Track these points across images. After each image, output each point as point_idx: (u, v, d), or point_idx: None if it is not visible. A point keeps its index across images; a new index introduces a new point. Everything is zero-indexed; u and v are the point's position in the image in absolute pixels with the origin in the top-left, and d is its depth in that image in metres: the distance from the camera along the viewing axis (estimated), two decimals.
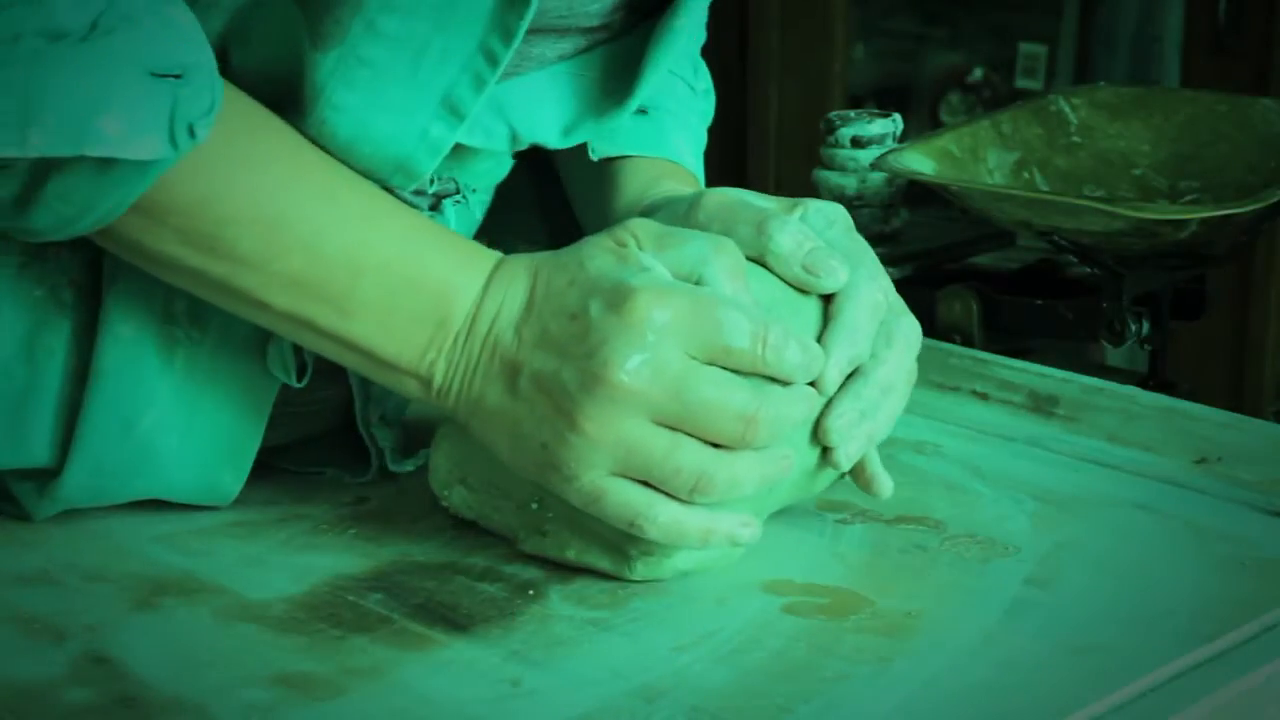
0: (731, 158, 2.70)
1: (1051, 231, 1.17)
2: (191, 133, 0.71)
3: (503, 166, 0.90)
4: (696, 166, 0.96)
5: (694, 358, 0.73)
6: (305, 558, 0.81)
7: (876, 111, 1.30)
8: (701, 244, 0.76)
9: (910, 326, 0.81)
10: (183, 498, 0.85)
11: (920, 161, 1.22)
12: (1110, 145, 1.33)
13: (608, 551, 0.77)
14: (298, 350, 0.82)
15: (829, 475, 0.80)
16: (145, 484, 0.83)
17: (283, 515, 0.86)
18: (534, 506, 0.79)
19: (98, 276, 0.80)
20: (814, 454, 0.78)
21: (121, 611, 0.76)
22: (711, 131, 1.02)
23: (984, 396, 1.02)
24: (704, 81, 1.01)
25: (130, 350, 0.80)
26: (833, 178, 1.27)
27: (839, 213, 0.82)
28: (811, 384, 0.76)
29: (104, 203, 0.72)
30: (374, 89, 0.77)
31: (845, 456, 0.78)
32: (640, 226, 0.76)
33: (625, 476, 0.73)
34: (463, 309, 0.75)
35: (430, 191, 0.86)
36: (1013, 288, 1.31)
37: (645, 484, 0.73)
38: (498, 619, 0.75)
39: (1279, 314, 2.26)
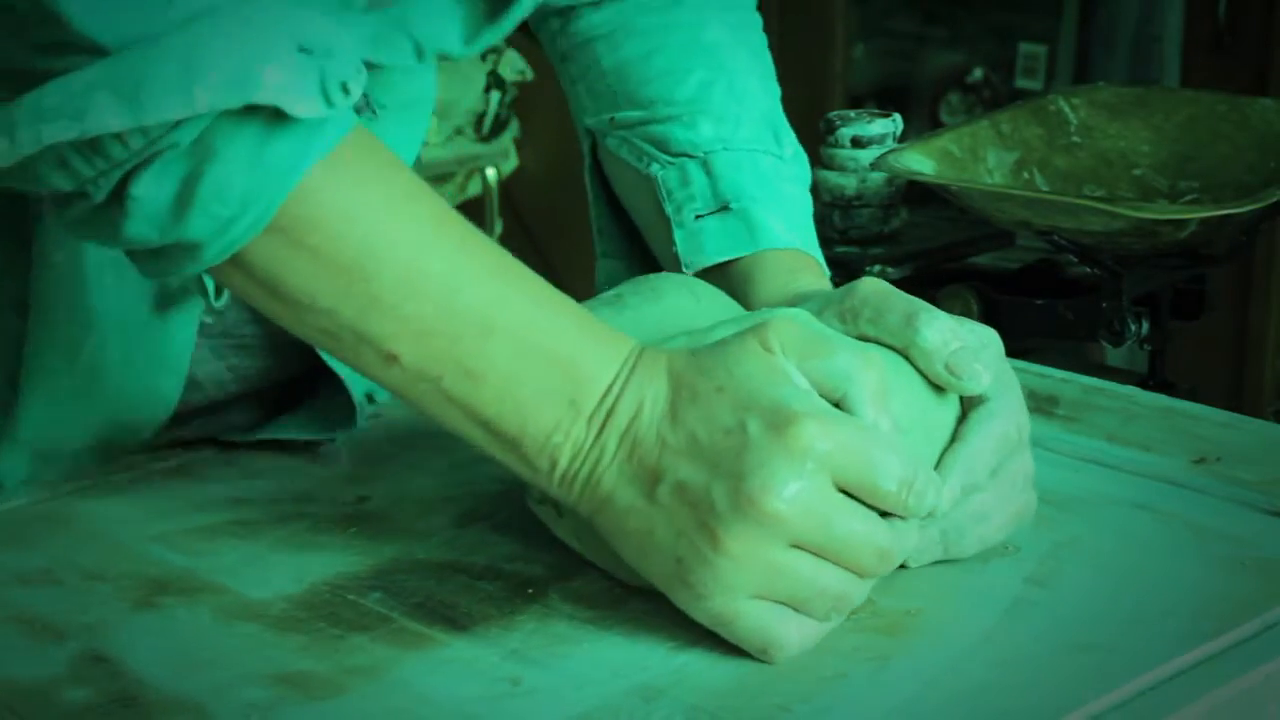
0: None
1: (1051, 231, 1.17)
2: (345, 90, 0.69)
3: (415, 83, 0.90)
4: (805, 237, 0.93)
5: (841, 490, 0.71)
6: (305, 557, 0.81)
7: (876, 111, 1.30)
8: (848, 359, 0.73)
9: (1024, 462, 0.80)
10: (128, 412, 0.86)
11: (920, 161, 1.22)
12: (1110, 145, 1.33)
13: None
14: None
15: None
16: (95, 405, 0.84)
17: (283, 514, 0.86)
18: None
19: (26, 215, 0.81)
20: None
21: (121, 610, 0.76)
22: None
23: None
24: (790, 146, 0.96)
25: (68, 275, 0.82)
26: (833, 178, 1.27)
27: (992, 338, 0.81)
28: None
29: (263, 192, 0.70)
30: None
31: (915, 562, 0.78)
32: (785, 329, 0.73)
33: (762, 599, 0.71)
34: (596, 393, 0.72)
35: None
36: (1012, 288, 1.32)
37: (778, 603, 0.72)
38: (497, 618, 0.75)
39: (1279, 314, 2.26)
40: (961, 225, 1.37)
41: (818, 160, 1.30)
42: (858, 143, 1.27)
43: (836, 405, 0.72)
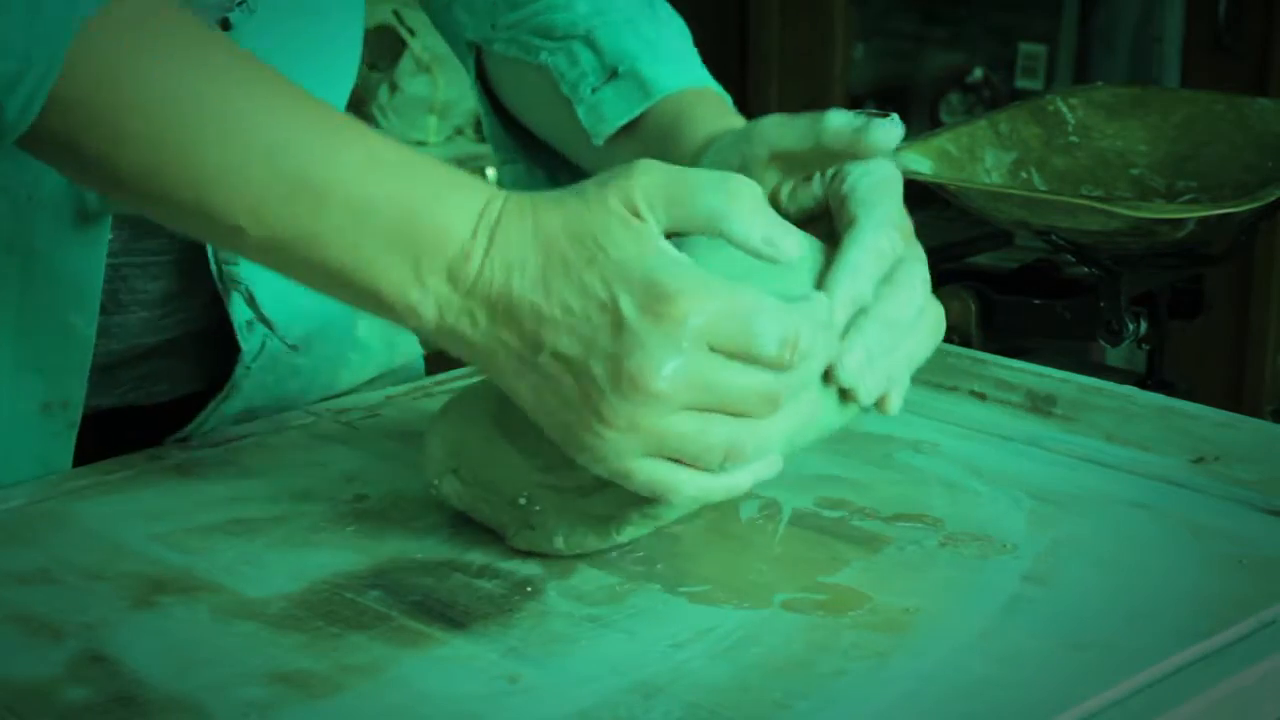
0: None
1: (1049, 231, 1.17)
2: None
3: None
4: (699, 77, 0.95)
5: (721, 353, 0.72)
6: (303, 555, 0.81)
7: (875, 111, 1.30)
8: (715, 196, 0.73)
9: (913, 270, 0.80)
10: (48, 359, 0.87)
11: (918, 161, 1.22)
12: (1108, 145, 1.33)
13: (594, 528, 0.78)
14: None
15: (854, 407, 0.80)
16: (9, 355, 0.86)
17: (281, 513, 0.86)
18: (521, 502, 0.79)
19: None
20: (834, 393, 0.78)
21: (120, 610, 0.76)
22: None
23: (982, 396, 1.02)
24: (664, 10, 1.00)
25: None
26: None
27: (882, 163, 0.82)
28: None
29: (42, 46, 0.69)
30: None
31: (865, 395, 0.78)
32: (647, 183, 0.73)
33: (653, 457, 0.73)
34: (447, 248, 0.73)
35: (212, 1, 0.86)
36: (1010, 287, 1.32)
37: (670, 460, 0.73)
38: (495, 616, 0.75)
39: (1277, 313, 2.26)
40: (960, 225, 1.37)
41: None
42: None
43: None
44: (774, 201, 0.83)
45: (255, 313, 0.95)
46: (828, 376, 0.77)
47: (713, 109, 0.93)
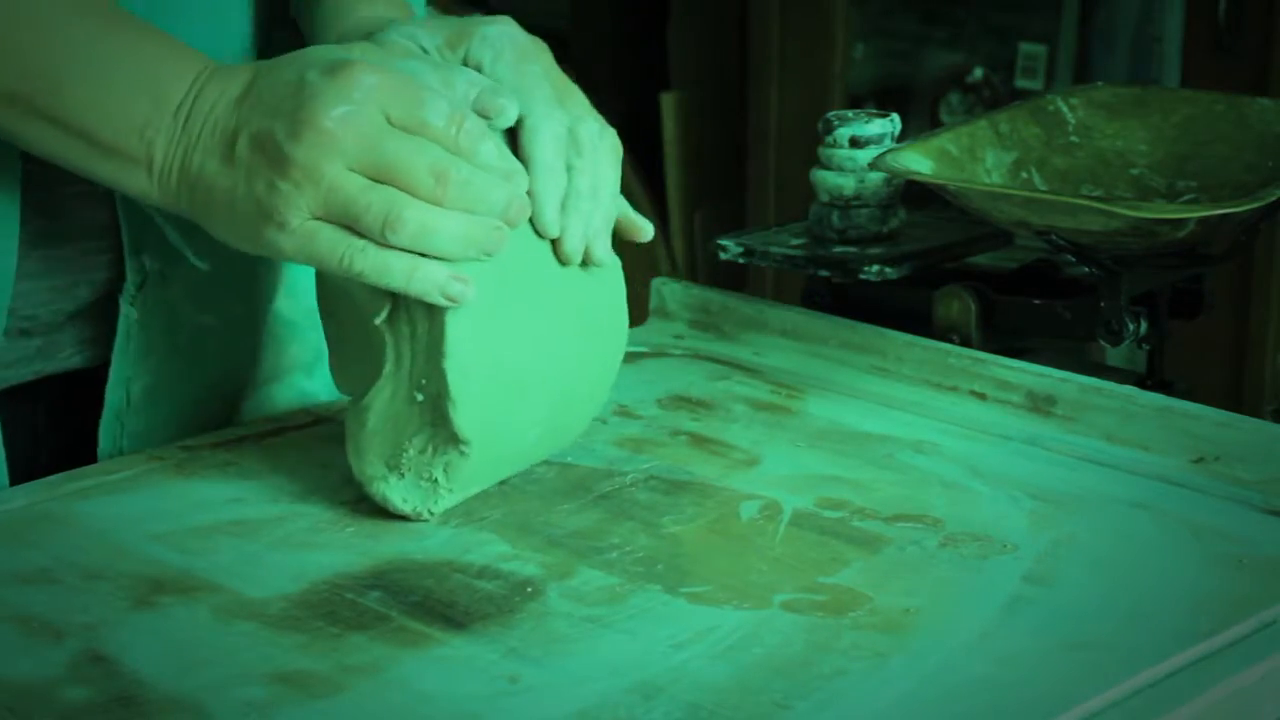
0: (731, 158, 2.70)
1: (1049, 231, 1.17)
2: None
3: None
4: None
5: (395, 125, 0.78)
6: (303, 556, 0.81)
7: (875, 111, 1.29)
8: (436, 101, 0.80)
9: (592, 130, 0.86)
10: None
11: (918, 161, 1.22)
12: (1108, 145, 1.33)
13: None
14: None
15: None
16: None
17: (281, 513, 0.86)
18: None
19: None
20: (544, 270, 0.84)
21: (120, 610, 0.76)
22: (711, 131, 1.02)
23: (982, 396, 1.02)
24: None
25: None
26: (830, 178, 1.27)
27: (505, 39, 0.87)
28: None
29: None
30: None
31: (571, 246, 0.84)
32: (367, 76, 0.79)
33: (332, 222, 0.78)
34: (180, 88, 0.80)
35: None
36: (1010, 287, 1.31)
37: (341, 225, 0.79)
38: (496, 616, 0.75)
39: (1278, 313, 2.26)
40: (960, 225, 1.37)
41: (816, 160, 1.30)
42: (856, 143, 1.27)
43: None
44: None
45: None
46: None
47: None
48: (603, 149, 0.86)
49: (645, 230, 0.90)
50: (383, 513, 0.85)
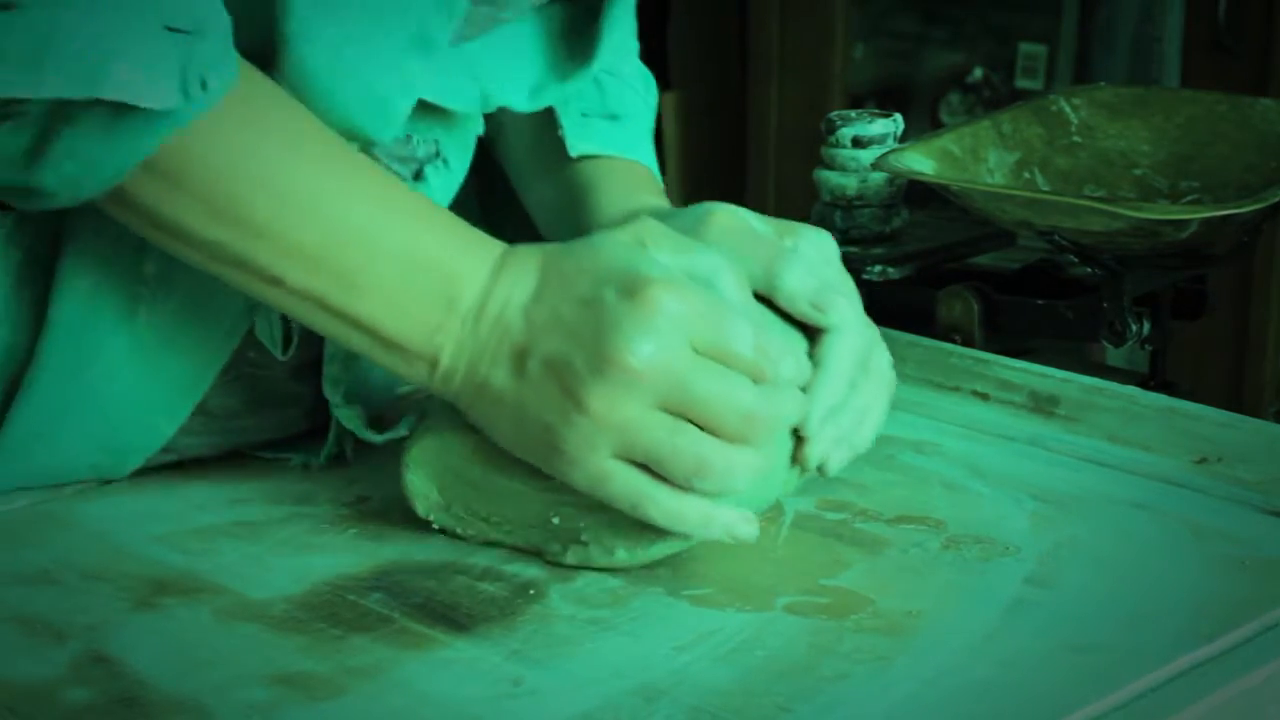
0: (731, 158, 2.70)
1: (1052, 231, 1.17)
2: (204, 85, 0.71)
3: (472, 133, 0.91)
4: (656, 169, 0.99)
5: (699, 353, 0.74)
6: (306, 557, 0.81)
7: (877, 111, 1.30)
8: (714, 257, 0.77)
9: (883, 361, 0.83)
10: (117, 442, 0.86)
11: (920, 161, 1.22)
12: (1111, 145, 1.33)
13: (658, 535, 0.78)
14: (285, 322, 0.84)
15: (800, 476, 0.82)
16: (84, 425, 0.84)
17: (283, 515, 0.86)
18: (555, 522, 0.79)
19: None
20: (788, 454, 0.80)
21: (122, 611, 0.76)
22: (711, 131, 1.03)
23: (984, 396, 1.02)
24: (645, 79, 1.03)
25: (85, 303, 0.82)
26: (833, 178, 1.27)
27: (830, 248, 0.83)
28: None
29: (111, 160, 0.72)
30: (346, 20, 0.78)
31: (833, 468, 0.81)
32: (655, 228, 0.77)
33: (628, 461, 0.74)
34: (472, 292, 0.76)
35: (415, 155, 0.87)
36: (1013, 288, 1.31)
37: (647, 471, 0.74)
38: (498, 618, 0.75)
39: (1279, 314, 2.26)
40: (962, 225, 1.37)
41: (818, 160, 1.30)
42: (858, 143, 1.27)
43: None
44: None
45: None
46: (794, 456, 0.79)
47: (651, 189, 0.95)
48: (884, 384, 0.83)
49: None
50: (385, 514, 0.85)
